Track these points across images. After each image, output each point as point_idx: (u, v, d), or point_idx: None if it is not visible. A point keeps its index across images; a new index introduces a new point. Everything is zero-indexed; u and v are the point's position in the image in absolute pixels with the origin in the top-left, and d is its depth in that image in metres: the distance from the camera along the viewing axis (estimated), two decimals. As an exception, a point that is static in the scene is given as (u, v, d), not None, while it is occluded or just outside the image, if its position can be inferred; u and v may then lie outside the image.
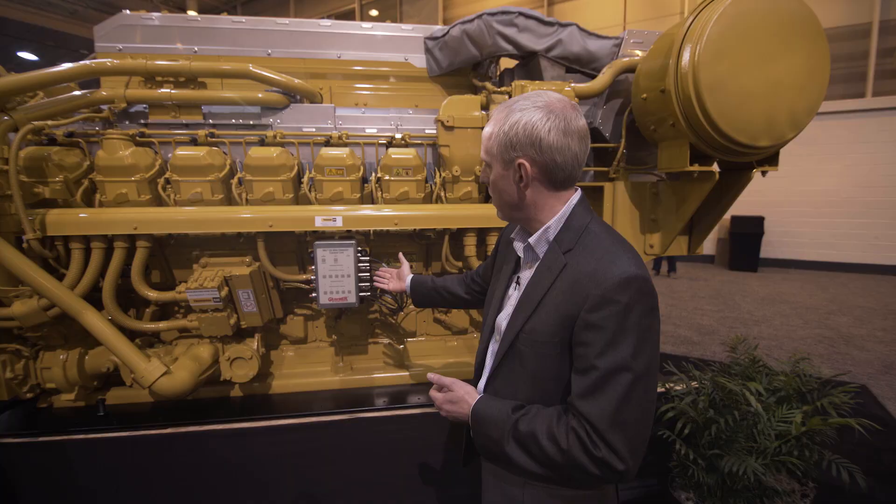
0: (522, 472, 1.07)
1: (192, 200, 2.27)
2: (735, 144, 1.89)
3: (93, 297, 2.21)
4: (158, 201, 2.34)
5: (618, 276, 0.96)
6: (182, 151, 2.23)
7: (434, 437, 2.55)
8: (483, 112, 2.37)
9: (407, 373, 2.85)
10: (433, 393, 1.26)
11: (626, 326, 0.94)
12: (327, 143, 2.49)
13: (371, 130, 2.59)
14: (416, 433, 2.54)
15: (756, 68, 1.84)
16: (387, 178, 2.37)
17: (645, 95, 2.11)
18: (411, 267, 2.05)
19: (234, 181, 2.32)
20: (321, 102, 2.64)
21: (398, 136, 2.49)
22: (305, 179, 2.36)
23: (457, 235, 2.49)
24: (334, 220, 2.22)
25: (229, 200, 2.39)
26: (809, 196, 10.03)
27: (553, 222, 1.10)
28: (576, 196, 1.12)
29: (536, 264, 1.13)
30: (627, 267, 0.98)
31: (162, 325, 2.36)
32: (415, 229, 2.46)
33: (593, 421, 0.94)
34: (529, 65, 2.59)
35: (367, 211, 2.28)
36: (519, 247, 1.20)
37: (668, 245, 2.39)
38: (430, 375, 1.27)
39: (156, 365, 2.10)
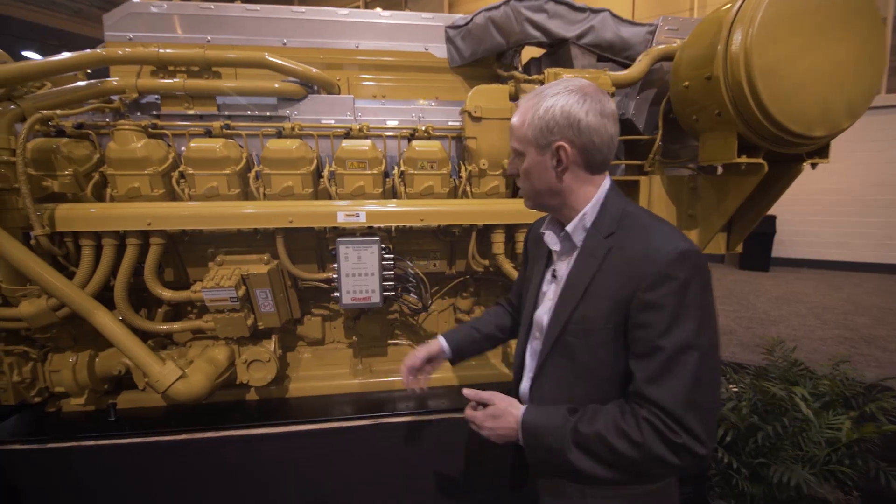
0: (590, 478, 1.00)
1: (208, 195, 2.17)
2: (787, 134, 1.77)
3: (103, 297, 2.10)
4: (172, 196, 2.23)
5: (672, 251, 0.93)
6: (197, 144, 2.12)
7: (458, 444, 2.44)
8: (512, 102, 2.26)
9: (436, 375, 2.73)
10: (470, 412, 1.15)
11: (686, 303, 0.91)
12: (347, 136, 2.38)
13: (392, 123, 2.47)
14: (440, 439, 2.43)
15: (811, 53, 1.72)
16: (410, 171, 2.26)
17: (687, 83, 2.00)
18: (434, 265, 1.92)
19: (252, 175, 2.21)
20: (338, 94, 2.53)
21: (421, 128, 2.38)
22: (326, 173, 2.25)
23: (484, 232, 2.37)
24: (357, 215, 2.11)
25: (245, 195, 2.27)
26: (820, 194, 9.89)
27: (589, 208, 1.07)
28: (607, 181, 1.10)
29: (575, 253, 1.09)
30: (679, 242, 0.95)
31: (176, 325, 2.25)
32: (439, 225, 2.35)
33: (667, 406, 0.89)
34: (558, 53, 2.47)
35: (392, 206, 2.17)
36: (552, 238, 1.15)
37: (708, 242, 2.28)
38: (466, 391, 1.17)
39: (171, 369, 1.99)
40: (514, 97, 2.27)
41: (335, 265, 2.19)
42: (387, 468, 2.43)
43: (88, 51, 2.08)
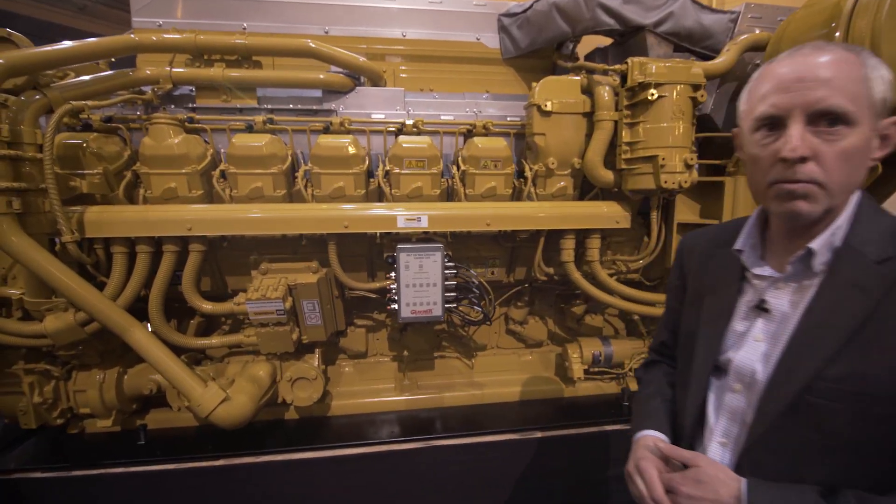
0: None
1: (252, 197, 1.96)
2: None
3: (132, 309, 1.89)
4: (211, 197, 2.02)
5: None
6: (240, 140, 1.91)
7: (520, 470, 2.24)
8: (584, 96, 2.06)
9: (480, 391, 2.54)
10: (659, 475, 0.88)
11: None
12: (400, 132, 2.17)
13: (446, 118, 2.27)
14: (500, 464, 2.23)
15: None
16: (472, 171, 2.05)
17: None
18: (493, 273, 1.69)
19: (300, 174, 2.00)
20: (385, 86, 2.32)
21: (479, 123, 2.17)
22: (380, 173, 2.04)
23: (550, 237, 2.17)
24: (419, 219, 1.90)
25: (290, 196, 2.07)
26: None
27: (843, 219, 0.81)
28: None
29: (816, 281, 0.81)
30: None
31: (215, 340, 2.04)
32: (501, 230, 2.15)
33: None
34: (628, 43, 2.27)
35: (456, 209, 1.96)
36: (756, 260, 0.90)
37: None
38: (663, 446, 0.92)
39: (213, 391, 1.78)
40: (587, 90, 2.06)
41: (392, 274, 1.99)
42: (440, 496, 2.23)
43: (121, 35, 1.87)
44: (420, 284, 1.91)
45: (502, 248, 2.26)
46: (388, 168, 2.01)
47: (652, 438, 0.97)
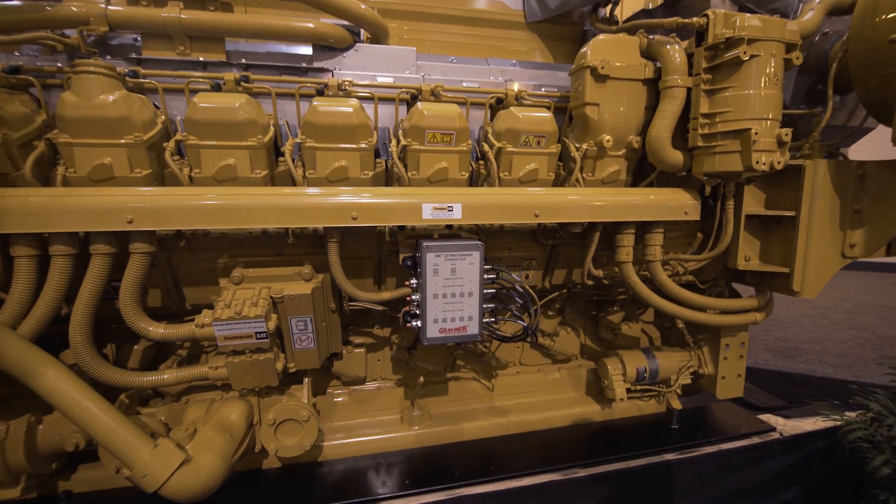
0: None
1: (220, 178, 1.44)
2: None
3: (47, 338, 1.34)
4: (161, 178, 1.49)
5: None
6: (206, 100, 1.39)
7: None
8: (645, 60, 1.68)
9: (503, 419, 2.11)
10: None
11: None
12: (415, 100, 1.72)
13: (469, 85, 1.83)
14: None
15: None
16: (509, 149, 1.63)
17: (895, 36, 1.49)
18: (527, 277, 1.31)
19: (286, 150, 1.50)
20: (389, 44, 1.86)
21: (511, 91, 1.75)
22: (393, 149, 1.57)
23: (604, 234, 1.78)
24: (450, 208, 1.45)
25: (272, 179, 1.57)
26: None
27: None
28: None
29: None
30: None
31: (168, 376, 1.50)
32: (541, 225, 1.74)
33: None
34: (681, 3, 1.92)
35: (498, 196, 1.53)
36: None
37: (877, 248, 1.80)
38: None
39: (167, 454, 1.25)
40: (646, 53, 1.69)
41: (413, 281, 1.52)
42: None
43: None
44: (452, 294, 1.46)
45: (541, 246, 1.84)
46: (405, 143, 1.55)
47: None
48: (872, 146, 2.15)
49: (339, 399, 2.03)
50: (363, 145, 1.51)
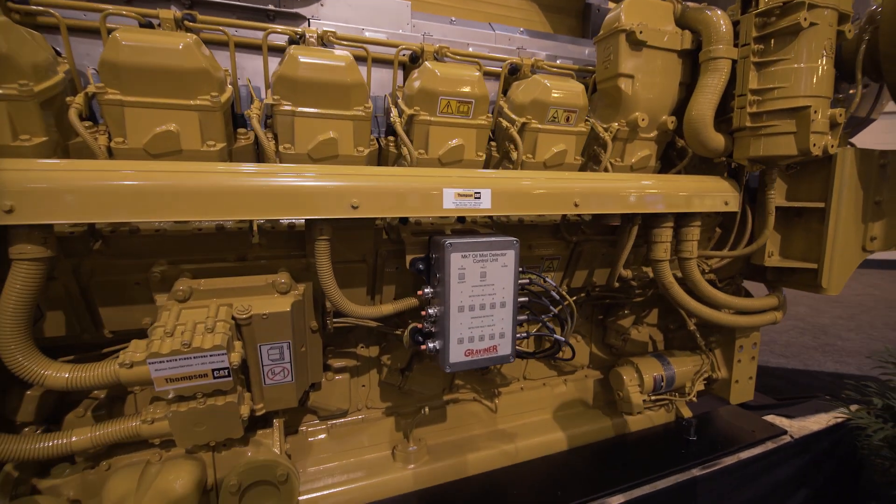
0: None
1: (155, 150, 1.01)
2: None
3: None
4: (67, 150, 1.03)
5: None
6: (132, 38, 0.96)
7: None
8: (679, 28, 1.46)
9: (512, 446, 1.82)
10: None
11: None
12: (413, 61, 1.38)
13: (475, 51, 1.52)
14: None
15: None
16: (534, 125, 1.34)
17: (941, 10, 1.39)
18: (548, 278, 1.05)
19: (254, 113, 1.10)
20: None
21: (527, 60, 1.47)
22: (396, 119, 1.22)
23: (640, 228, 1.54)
24: (477, 194, 1.12)
25: (229, 153, 1.15)
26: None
27: None
28: None
29: None
30: None
31: (80, 440, 1.03)
32: (567, 218, 1.47)
33: None
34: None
35: (532, 181, 1.22)
36: None
37: None
38: None
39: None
40: (680, 21, 1.47)
41: (427, 290, 1.18)
42: None
43: None
44: (481, 306, 1.14)
45: (563, 243, 1.57)
46: (410, 112, 1.20)
47: None
48: (870, 136, 2.14)
49: (315, 438, 1.62)
50: (359, 112, 1.14)
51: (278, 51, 1.26)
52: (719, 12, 1.41)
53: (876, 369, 2.27)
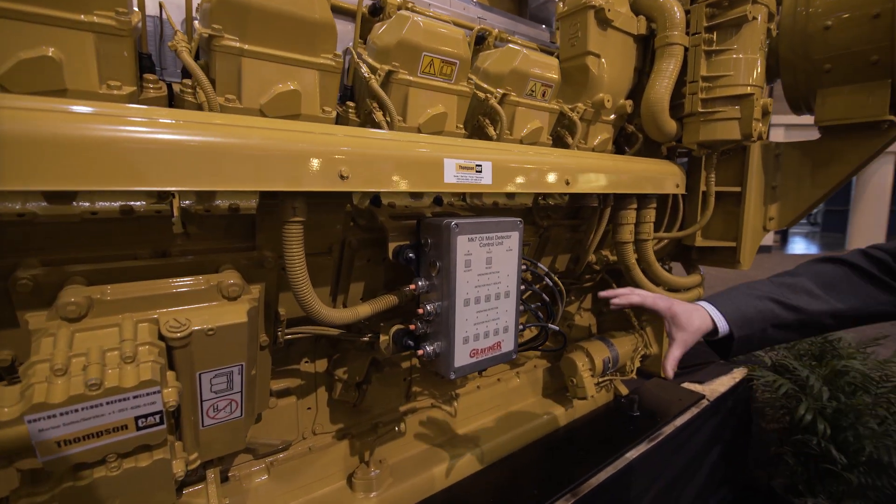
0: None
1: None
2: None
3: None
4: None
5: None
6: None
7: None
8: (634, 14, 1.48)
9: (478, 450, 1.68)
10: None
11: None
12: (374, 13, 1.16)
13: (440, 12, 1.35)
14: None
15: None
16: (513, 98, 1.22)
17: (830, 23, 1.63)
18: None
19: (181, 45, 0.78)
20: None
21: (492, 30, 1.35)
22: (372, 77, 0.99)
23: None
24: (478, 167, 0.96)
25: (137, 97, 0.81)
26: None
27: None
28: None
29: None
30: None
31: None
32: (543, 201, 1.38)
33: None
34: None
35: (531, 156, 1.09)
36: None
37: (795, 219, 2.01)
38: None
39: None
40: (634, 7, 1.49)
41: (421, 284, 0.98)
42: None
43: None
44: (487, 297, 0.98)
45: (533, 228, 1.48)
46: (388, 67, 0.98)
47: (701, 313, 0.92)
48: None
49: (255, 482, 1.29)
50: (328, 60, 0.89)
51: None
52: (673, 0, 1.45)
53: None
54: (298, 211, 0.80)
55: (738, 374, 2.46)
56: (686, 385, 2.44)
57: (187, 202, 0.88)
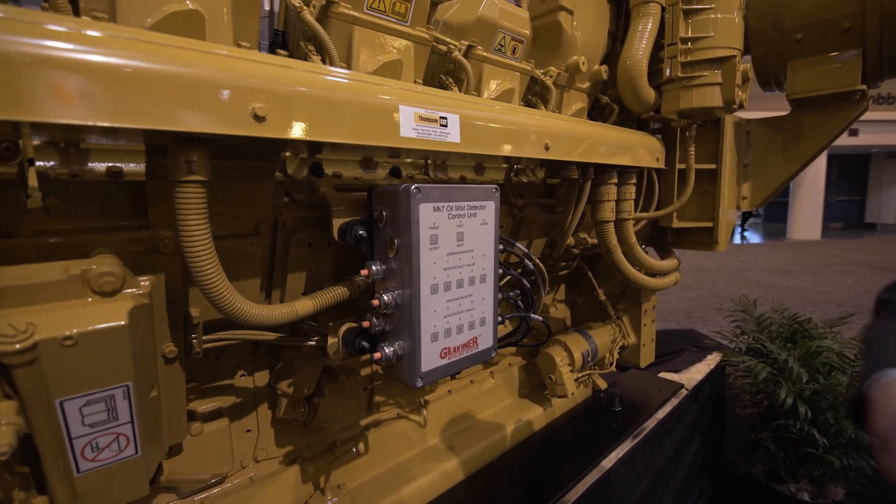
0: None
1: None
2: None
3: None
4: None
5: None
6: None
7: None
8: (607, -31, 1.34)
9: (451, 463, 1.49)
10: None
11: None
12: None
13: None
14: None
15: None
16: (479, 52, 1.05)
17: (801, -11, 1.56)
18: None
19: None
20: None
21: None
22: (306, 9, 0.78)
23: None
24: (443, 120, 0.77)
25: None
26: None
27: None
28: None
29: None
30: None
31: None
32: (510, 174, 1.21)
33: None
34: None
35: (504, 113, 0.91)
36: None
37: (768, 196, 1.95)
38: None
39: None
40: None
41: (376, 269, 0.77)
42: None
43: None
44: (459, 282, 0.79)
45: (507, 207, 1.30)
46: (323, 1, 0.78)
47: None
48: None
49: (176, 530, 1.03)
50: (243, -23, 0.67)
51: None
52: (647, -45, 1.33)
53: (727, 318, 2.64)
54: (196, 167, 0.57)
55: (712, 361, 2.40)
56: (663, 375, 2.35)
57: (48, 164, 0.64)
